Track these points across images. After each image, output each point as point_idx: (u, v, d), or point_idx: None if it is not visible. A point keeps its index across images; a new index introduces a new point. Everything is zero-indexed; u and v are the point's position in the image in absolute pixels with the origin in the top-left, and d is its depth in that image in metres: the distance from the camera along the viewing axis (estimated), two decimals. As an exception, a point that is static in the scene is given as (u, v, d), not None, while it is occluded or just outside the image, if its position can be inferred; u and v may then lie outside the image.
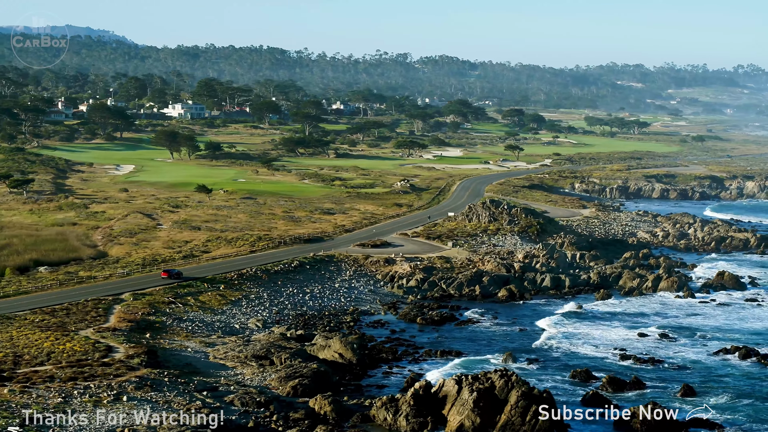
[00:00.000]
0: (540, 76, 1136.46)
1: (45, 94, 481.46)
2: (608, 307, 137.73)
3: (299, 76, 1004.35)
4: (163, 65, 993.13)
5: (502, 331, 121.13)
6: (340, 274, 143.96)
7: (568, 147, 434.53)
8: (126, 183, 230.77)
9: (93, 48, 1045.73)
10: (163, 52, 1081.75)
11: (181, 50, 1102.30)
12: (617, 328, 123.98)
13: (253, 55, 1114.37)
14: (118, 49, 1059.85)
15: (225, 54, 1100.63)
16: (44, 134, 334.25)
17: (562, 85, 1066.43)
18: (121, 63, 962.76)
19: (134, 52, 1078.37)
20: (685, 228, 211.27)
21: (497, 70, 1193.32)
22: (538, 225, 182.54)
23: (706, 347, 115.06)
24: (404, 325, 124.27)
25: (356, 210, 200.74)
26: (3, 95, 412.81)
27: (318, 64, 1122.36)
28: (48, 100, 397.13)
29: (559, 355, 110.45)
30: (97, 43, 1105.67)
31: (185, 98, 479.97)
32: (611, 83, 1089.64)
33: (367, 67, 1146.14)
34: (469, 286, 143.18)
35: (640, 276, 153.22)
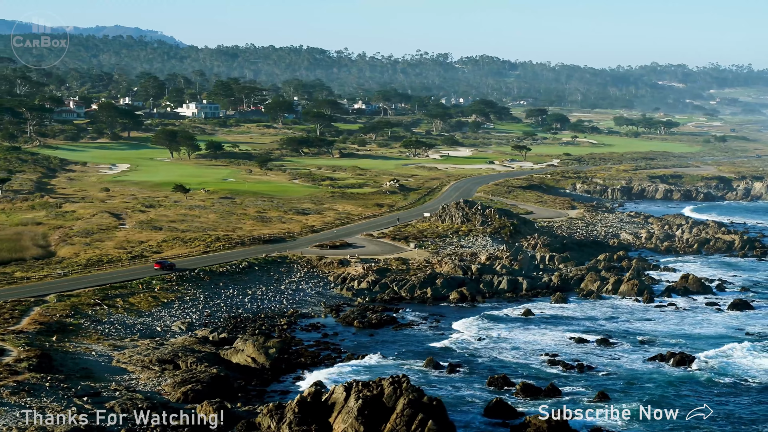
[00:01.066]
0: (579, 76, 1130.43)
1: (60, 94, 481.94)
2: (559, 311, 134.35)
3: (335, 75, 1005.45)
4: (201, 65, 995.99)
5: (436, 336, 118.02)
6: (290, 275, 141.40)
7: (586, 147, 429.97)
8: (112, 183, 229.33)
9: (133, 48, 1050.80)
10: (202, 52, 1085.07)
11: (220, 50, 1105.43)
12: (558, 333, 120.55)
13: (291, 55, 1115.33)
14: (158, 49, 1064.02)
15: (264, 54, 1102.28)
16: (50, 133, 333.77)
17: (601, 85, 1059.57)
18: (159, 63, 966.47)
19: (173, 52, 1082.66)
20: (673, 229, 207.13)
21: (537, 70, 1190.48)
22: (511, 226, 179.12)
23: (645, 353, 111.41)
24: (341, 328, 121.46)
25: (333, 210, 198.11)
26: (17, 94, 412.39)
27: (356, 64, 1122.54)
28: (57, 99, 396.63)
29: (486, 361, 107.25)
30: (138, 43, 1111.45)
31: (204, 98, 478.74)
32: (652, 83, 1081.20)
33: (405, 67, 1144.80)
34: (421, 289, 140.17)
35: (602, 279, 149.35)
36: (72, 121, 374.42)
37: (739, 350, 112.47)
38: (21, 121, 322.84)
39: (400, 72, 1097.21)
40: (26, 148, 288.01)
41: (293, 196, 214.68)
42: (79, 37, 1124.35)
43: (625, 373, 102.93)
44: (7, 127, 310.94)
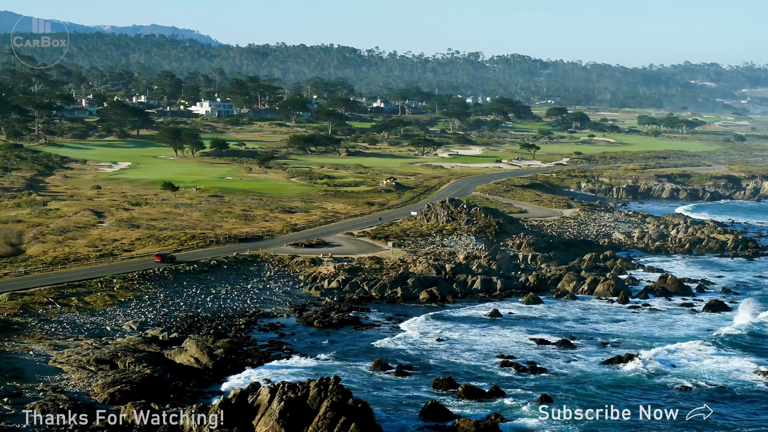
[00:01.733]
0: (610, 75, 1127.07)
1: (75, 92, 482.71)
2: (528, 311, 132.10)
3: (364, 74, 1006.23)
4: (230, 64, 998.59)
5: (394, 337, 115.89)
6: (260, 274, 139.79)
7: (602, 146, 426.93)
8: (106, 180, 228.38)
9: (164, 47, 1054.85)
10: (232, 50, 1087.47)
11: (250, 49, 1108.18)
12: (521, 334, 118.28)
13: (321, 54, 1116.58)
14: (189, 48, 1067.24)
15: (294, 53, 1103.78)
16: (58, 131, 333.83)
17: (632, 84, 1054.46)
18: (188, 62, 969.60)
19: (204, 51, 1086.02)
20: (669, 229, 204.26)
21: (568, 69, 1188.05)
22: (496, 225, 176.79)
23: (605, 355, 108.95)
24: (301, 328, 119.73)
25: (322, 209, 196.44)
26: (32, 93, 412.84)
27: (386, 63, 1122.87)
28: (68, 97, 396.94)
29: (438, 363, 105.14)
30: (170, 42, 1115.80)
31: (219, 97, 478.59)
32: (683, 83, 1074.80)
33: (435, 66, 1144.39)
34: (391, 289, 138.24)
35: (579, 279, 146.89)
36: (83, 119, 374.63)
37: (697, 352, 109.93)
38: (27, 119, 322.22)
39: (429, 71, 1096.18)
40: (30, 146, 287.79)
41: (285, 194, 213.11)
42: (111, 36, 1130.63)
43: (576, 375, 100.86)
44: (13, 124, 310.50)
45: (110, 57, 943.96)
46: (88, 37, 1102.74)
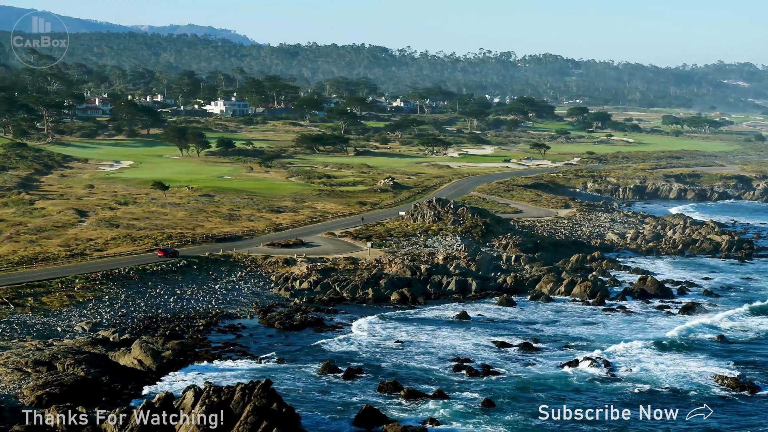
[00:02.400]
0: (642, 74, 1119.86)
1: (92, 91, 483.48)
2: (499, 313, 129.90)
3: (394, 74, 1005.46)
4: (260, 64, 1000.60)
5: (351, 338, 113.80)
6: (230, 275, 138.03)
7: (619, 146, 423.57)
8: (102, 180, 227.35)
9: (195, 47, 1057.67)
10: (263, 50, 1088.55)
11: (281, 49, 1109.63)
12: (485, 337, 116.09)
13: (351, 54, 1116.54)
14: (220, 48, 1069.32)
15: (325, 52, 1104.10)
16: (67, 130, 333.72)
17: (663, 84, 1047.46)
18: (218, 61, 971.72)
19: (235, 50, 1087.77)
20: (666, 230, 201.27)
21: (599, 69, 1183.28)
22: (483, 225, 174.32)
23: (565, 359, 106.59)
24: (261, 330, 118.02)
25: (311, 208, 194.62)
26: (46, 92, 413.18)
27: (417, 62, 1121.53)
28: (79, 96, 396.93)
29: (390, 366, 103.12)
30: (202, 42, 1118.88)
31: (235, 95, 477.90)
32: (716, 82, 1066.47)
33: (466, 66, 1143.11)
34: (363, 289, 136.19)
35: (558, 280, 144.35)
36: (95, 118, 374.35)
37: (656, 355, 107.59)
38: (34, 118, 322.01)
39: (459, 71, 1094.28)
40: (35, 145, 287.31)
41: (279, 193, 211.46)
42: (145, 35, 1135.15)
43: (528, 379, 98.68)
44: (20, 123, 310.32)
45: (141, 56, 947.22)
46: (121, 36, 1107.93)
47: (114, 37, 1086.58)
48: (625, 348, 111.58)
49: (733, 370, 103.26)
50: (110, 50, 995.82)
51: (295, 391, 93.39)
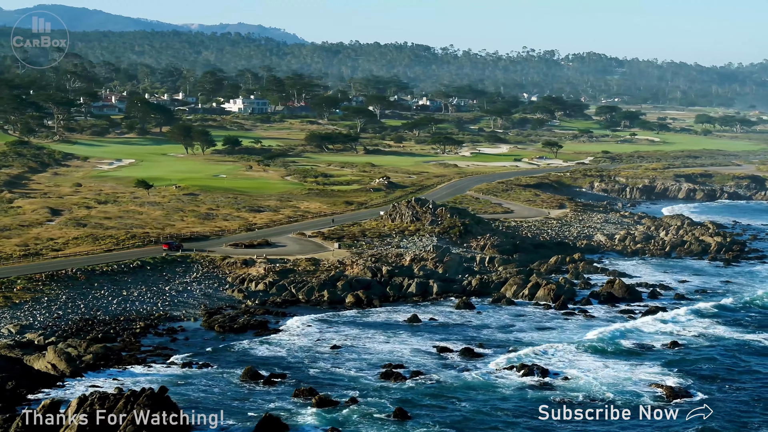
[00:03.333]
0: (686, 73, 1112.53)
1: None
2: (453, 317, 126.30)
3: (433, 72, 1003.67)
4: (300, 62, 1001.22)
5: (283, 342, 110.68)
6: (185, 276, 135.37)
7: (643, 145, 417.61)
8: (94, 178, 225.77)
9: (237, 45, 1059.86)
10: (305, 48, 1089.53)
11: (323, 47, 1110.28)
12: (426, 342, 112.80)
13: (393, 52, 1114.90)
14: (262, 46, 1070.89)
15: (366, 51, 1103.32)
16: (77, 128, 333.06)
17: (706, 83, 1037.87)
18: (258, 59, 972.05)
19: (277, 49, 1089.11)
20: (659, 231, 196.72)
21: (642, 68, 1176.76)
22: (461, 226, 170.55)
23: (503, 365, 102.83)
24: (201, 333, 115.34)
25: (294, 208, 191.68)
26: (65, 89, 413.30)
27: (458, 61, 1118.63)
28: (93, 94, 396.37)
29: (317, 372, 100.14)
30: (245, 40, 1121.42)
31: (254, 93, 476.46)
32: (761, 81, 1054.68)
33: (508, 65, 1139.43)
34: (319, 291, 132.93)
35: (524, 283, 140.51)
36: (110, 116, 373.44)
37: (597, 362, 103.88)
38: (43, 116, 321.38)
39: (501, 69, 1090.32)
40: (40, 143, 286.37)
41: (267, 192, 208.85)
42: (188, 34, 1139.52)
43: (456, 386, 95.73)
44: (27, 121, 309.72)
45: (182, 55, 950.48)
46: (165, 35, 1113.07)
47: (159, 35, 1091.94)
48: (568, 353, 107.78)
49: (672, 376, 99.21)
50: (151, 48, 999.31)
51: (210, 397, 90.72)
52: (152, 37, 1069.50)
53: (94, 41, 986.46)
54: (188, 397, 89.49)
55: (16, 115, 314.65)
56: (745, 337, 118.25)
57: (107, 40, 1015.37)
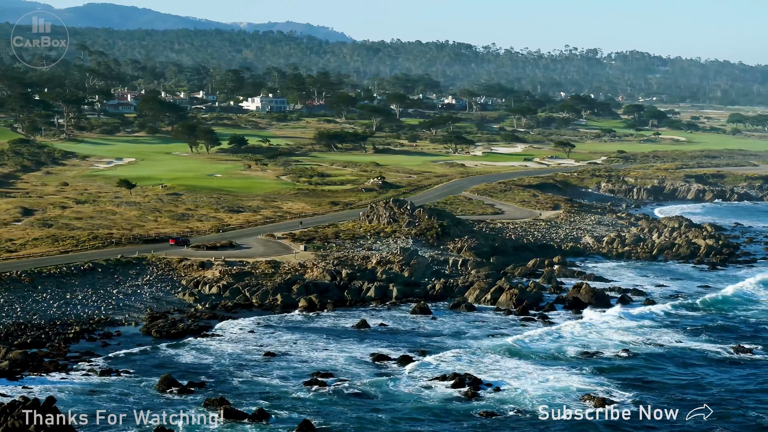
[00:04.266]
0: (728, 72, 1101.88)
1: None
2: (405, 323, 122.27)
3: (472, 71, 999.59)
4: (339, 60, 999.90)
5: (212, 349, 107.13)
6: (137, 278, 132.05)
7: (665, 144, 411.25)
8: (85, 177, 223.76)
9: (278, 43, 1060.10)
10: (346, 47, 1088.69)
11: (364, 46, 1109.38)
12: (364, 349, 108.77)
13: (433, 51, 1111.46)
14: (302, 45, 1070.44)
15: (407, 49, 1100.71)
16: (88, 126, 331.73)
17: (749, 82, 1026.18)
18: (296, 58, 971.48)
19: (317, 47, 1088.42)
20: (652, 233, 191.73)
21: (685, 66, 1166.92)
22: (439, 228, 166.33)
23: (438, 373, 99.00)
24: (139, 338, 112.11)
25: (276, 208, 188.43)
26: (84, 88, 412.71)
27: (499, 59, 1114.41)
28: (106, 92, 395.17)
29: (240, 380, 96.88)
30: (286, 39, 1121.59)
31: (271, 92, 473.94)
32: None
33: (548, 63, 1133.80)
34: (273, 295, 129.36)
35: (488, 287, 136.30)
36: (123, 115, 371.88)
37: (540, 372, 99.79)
38: (50, 114, 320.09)
39: (541, 68, 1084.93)
40: (44, 141, 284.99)
41: (254, 192, 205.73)
42: (230, 32, 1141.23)
43: (379, 396, 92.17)
44: (34, 119, 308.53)
45: (221, 53, 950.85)
46: (207, 33, 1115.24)
47: (200, 33, 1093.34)
48: (510, 362, 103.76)
49: (607, 386, 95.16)
50: (190, 47, 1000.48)
51: (120, 408, 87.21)
52: (193, 35, 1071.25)
53: (135, 39, 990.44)
54: (98, 407, 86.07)
55: (24, 114, 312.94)
56: (692, 344, 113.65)
57: (149, 38, 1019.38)
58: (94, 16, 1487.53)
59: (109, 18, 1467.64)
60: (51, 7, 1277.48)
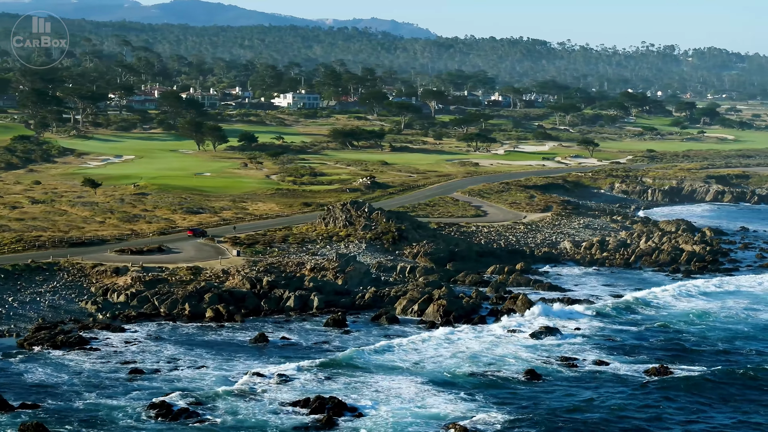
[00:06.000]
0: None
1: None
2: (308, 338, 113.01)
3: (542, 67, 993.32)
4: (409, 57, 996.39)
5: (71, 366, 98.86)
6: (43, 285, 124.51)
7: (709, 143, 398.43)
8: (68, 175, 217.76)
9: (350, 40, 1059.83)
10: (418, 43, 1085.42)
11: (436, 42, 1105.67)
12: (250, 365, 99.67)
13: (506, 47, 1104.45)
14: (374, 41, 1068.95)
15: (480, 45, 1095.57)
16: (104, 123, 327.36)
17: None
18: (365, 54, 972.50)
19: (389, 44, 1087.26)
20: (641, 237, 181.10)
21: (763, 63, 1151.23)
22: (396, 231, 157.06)
23: (300, 395, 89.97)
24: (14, 350, 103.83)
25: (242, 209, 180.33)
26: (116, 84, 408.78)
27: (572, 55, 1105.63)
28: (128, 88, 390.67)
29: (81, 403, 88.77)
30: (359, 35, 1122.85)
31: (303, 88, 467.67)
32: None
33: (621, 60, 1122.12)
34: (182, 304, 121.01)
35: (419, 297, 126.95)
36: (147, 111, 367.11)
37: (424, 397, 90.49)
38: (61, 111, 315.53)
39: (614, 64, 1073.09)
40: (51, 138, 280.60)
41: (229, 192, 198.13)
42: (305, 28, 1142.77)
43: (227, 424, 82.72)
44: (45, 115, 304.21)
45: (291, 50, 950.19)
46: (281, 30, 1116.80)
47: (275, 30, 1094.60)
48: (396, 383, 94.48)
49: (488, 412, 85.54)
50: (260, 43, 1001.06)
51: None
52: (267, 31, 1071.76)
53: (206, 36, 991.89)
54: None
55: (35, 110, 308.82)
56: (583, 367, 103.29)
57: (223, 34, 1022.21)
58: (180, 12, 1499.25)
59: (194, 15, 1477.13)
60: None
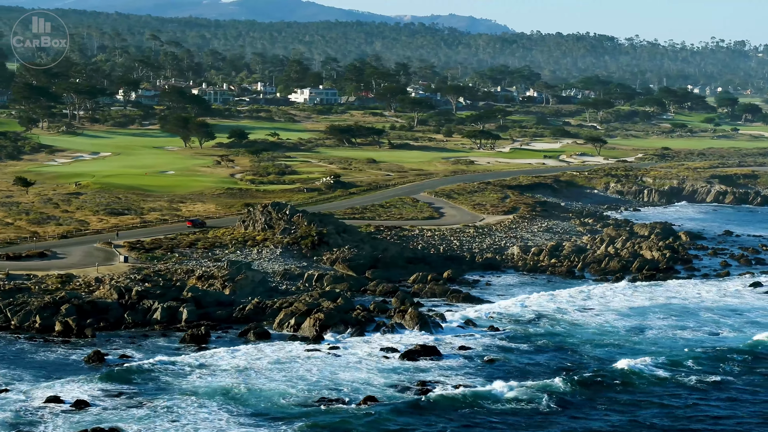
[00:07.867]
0: None
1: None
2: (154, 357, 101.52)
3: (603, 63, 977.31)
4: (468, 52, 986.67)
5: None
6: None
7: (741, 140, 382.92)
8: (25, 173, 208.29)
9: (414, 36, 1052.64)
10: (482, 38, 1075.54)
11: (502, 38, 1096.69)
12: (67, 391, 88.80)
13: (570, 42, 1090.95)
14: (437, 36, 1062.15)
15: (545, 41, 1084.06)
16: (102, 119, 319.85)
17: None
18: (424, 50, 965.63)
19: (452, 40, 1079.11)
20: (603, 242, 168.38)
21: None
22: (316, 236, 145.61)
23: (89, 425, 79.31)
24: None
25: (174, 210, 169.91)
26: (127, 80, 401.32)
27: (638, 51, 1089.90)
28: (134, 83, 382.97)
29: None
30: (425, 30, 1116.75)
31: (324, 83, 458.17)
32: None
33: (687, 56, 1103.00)
34: (35, 316, 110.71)
35: (306, 309, 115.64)
36: (153, 106, 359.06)
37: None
38: (52, 106, 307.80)
39: (679, 61, 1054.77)
40: (31, 134, 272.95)
41: (174, 192, 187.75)
42: (371, 24, 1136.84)
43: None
44: (34, 110, 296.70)
45: (351, 46, 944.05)
46: (347, 25, 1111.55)
47: (340, 25, 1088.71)
48: (213, 414, 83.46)
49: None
50: (321, 39, 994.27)
51: None
52: (332, 27, 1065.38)
53: (268, 32, 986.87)
54: None
55: (26, 105, 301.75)
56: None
57: (288, 30, 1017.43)
58: (257, 9, 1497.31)
59: (270, 11, 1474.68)
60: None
